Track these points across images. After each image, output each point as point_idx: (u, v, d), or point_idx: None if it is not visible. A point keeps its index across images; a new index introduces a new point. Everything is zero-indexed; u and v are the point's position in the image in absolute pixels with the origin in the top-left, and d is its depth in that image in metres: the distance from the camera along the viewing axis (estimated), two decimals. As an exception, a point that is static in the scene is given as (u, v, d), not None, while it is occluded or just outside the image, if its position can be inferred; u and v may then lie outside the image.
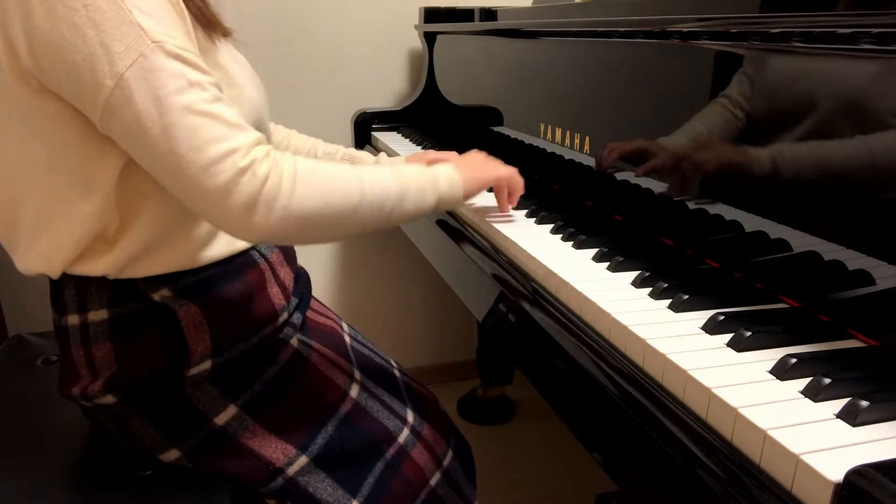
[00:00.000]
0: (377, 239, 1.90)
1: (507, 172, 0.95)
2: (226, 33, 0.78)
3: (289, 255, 0.90)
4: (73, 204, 0.70)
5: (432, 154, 1.08)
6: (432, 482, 0.89)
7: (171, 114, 0.61)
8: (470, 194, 0.88)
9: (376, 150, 1.65)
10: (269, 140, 0.85)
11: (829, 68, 0.63)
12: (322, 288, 1.89)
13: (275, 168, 0.66)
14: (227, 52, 0.78)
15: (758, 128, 0.72)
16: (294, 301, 0.88)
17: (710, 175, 0.79)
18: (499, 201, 0.97)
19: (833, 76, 0.63)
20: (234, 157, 0.64)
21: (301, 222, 0.68)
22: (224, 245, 0.78)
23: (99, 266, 0.72)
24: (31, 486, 0.77)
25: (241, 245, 0.80)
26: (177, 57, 0.63)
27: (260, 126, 0.81)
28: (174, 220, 0.73)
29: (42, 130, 0.67)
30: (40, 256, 0.73)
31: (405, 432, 0.89)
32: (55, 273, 0.74)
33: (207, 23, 0.74)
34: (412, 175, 0.79)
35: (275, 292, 0.83)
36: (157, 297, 0.75)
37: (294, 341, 0.86)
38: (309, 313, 0.95)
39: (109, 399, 0.75)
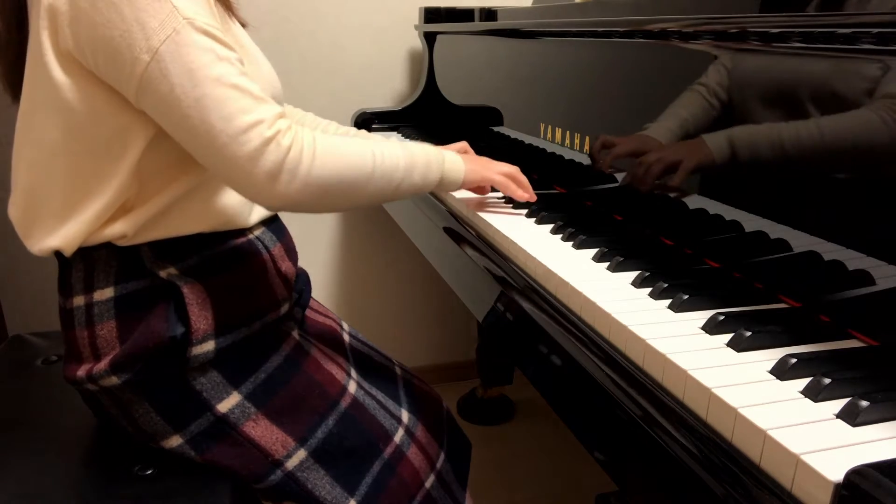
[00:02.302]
0: (377, 239, 1.90)
1: (507, 169, 0.98)
2: (240, 19, 0.83)
3: (290, 251, 0.91)
4: (100, 184, 0.73)
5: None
6: (427, 484, 0.89)
7: (203, 85, 0.66)
8: (468, 183, 0.93)
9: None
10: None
11: (830, 68, 0.63)
12: (322, 288, 1.90)
13: (297, 140, 0.71)
14: (243, 33, 0.83)
15: (758, 128, 0.72)
16: (295, 296, 0.89)
17: (710, 174, 0.79)
18: (512, 194, 0.98)
19: (834, 76, 0.63)
20: (260, 128, 0.68)
21: (319, 190, 0.73)
22: (237, 213, 0.81)
23: (115, 230, 0.75)
24: (32, 486, 0.77)
25: (254, 217, 0.84)
26: (206, 33, 0.67)
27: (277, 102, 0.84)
28: (190, 189, 0.77)
29: (73, 114, 0.71)
30: (63, 235, 0.75)
31: (400, 432, 0.89)
32: (72, 248, 0.76)
33: (227, 5, 0.79)
34: (420, 150, 0.85)
35: (277, 282, 0.85)
36: (163, 274, 0.77)
37: (296, 334, 0.87)
38: (308, 312, 0.96)
39: (114, 380, 0.76)
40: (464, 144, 1.12)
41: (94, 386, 0.78)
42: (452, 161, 0.90)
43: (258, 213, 0.85)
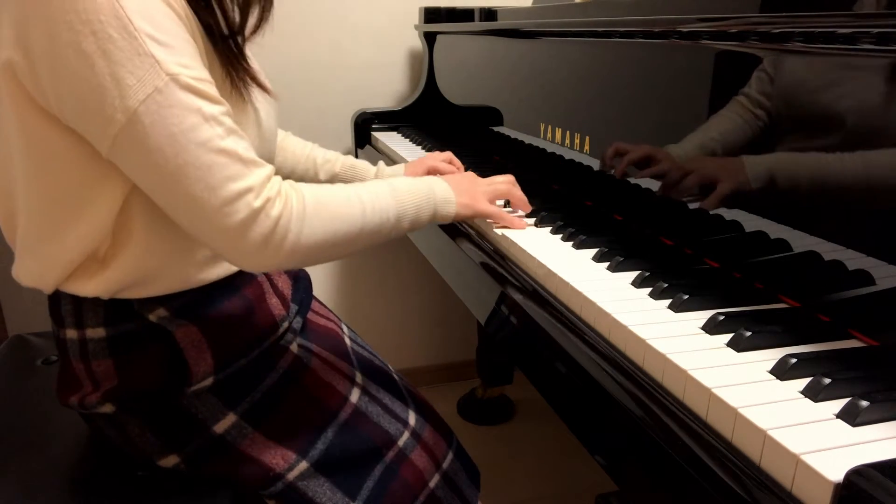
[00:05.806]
0: (377, 239, 1.90)
1: (502, 188, 0.94)
2: (263, 86, 0.78)
3: None
4: (66, 230, 0.69)
5: (429, 161, 1.09)
6: (431, 484, 0.89)
7: (186, 153, 0.60)
8: (459, 219, 0.90)
9: (376, 149, 1.65)
10: (273, 155, 0.86)
11: (831, 69, 0.63)
12: (322, 288, 1.89)
13: (286, 207, 0.67)
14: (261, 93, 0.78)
15: (759, 129, 0.72)
16: (294, 308, 0.87)
17: (710, 176, 0.79)
18: (509, 224, 0.94)
19: (837, 77, 0.63)
20: (248, 197, 0.64)
21: (308, 253, 0.70)
22: (223, 269, 0.78)
23: (90, 286, 0.71)
24: (31, 486, 0.77)
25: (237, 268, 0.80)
26: (192, 89, 0.61)
27: (271, 152, 0.82)
28: (169, 247, 0.72)
29: (39, 157, 0.66)
30: (32, 273, 0.73)
31: (405, 435, 0.88)
32: (47, 290, 0.73)
33: (249, 74, 0.74)
34: (409, 196, 0.81)
35: (274, 303, 0.83)
36: (153, 317, 0.73)
37: (294, 347, 0.85)
38: (310, 315, 0.94)
39: (108, 408, 0.75)
40: (448, 155, 1.10)
41: (86, 411, 0.77)
42: (445, 201, 0.85)
43: None
